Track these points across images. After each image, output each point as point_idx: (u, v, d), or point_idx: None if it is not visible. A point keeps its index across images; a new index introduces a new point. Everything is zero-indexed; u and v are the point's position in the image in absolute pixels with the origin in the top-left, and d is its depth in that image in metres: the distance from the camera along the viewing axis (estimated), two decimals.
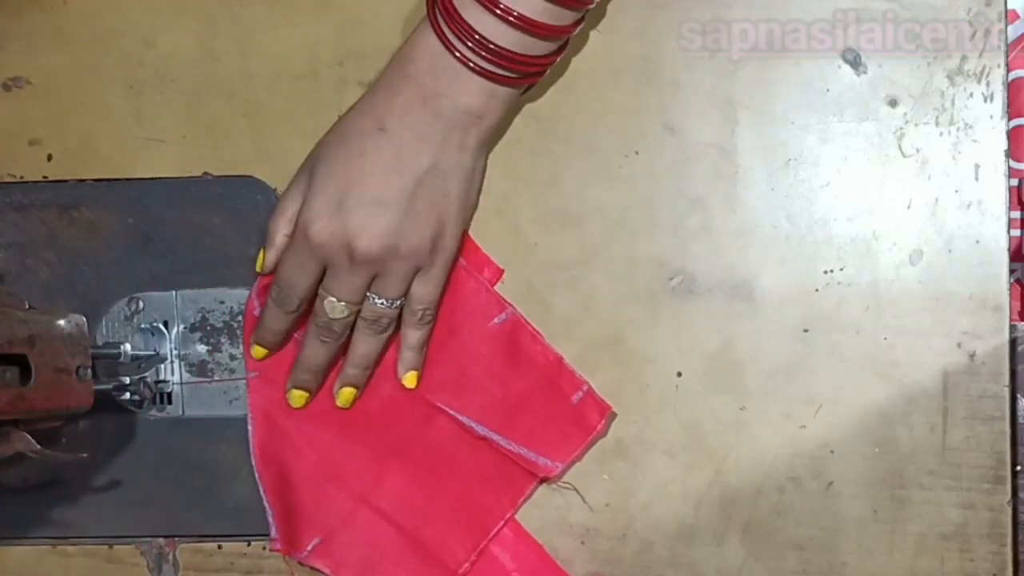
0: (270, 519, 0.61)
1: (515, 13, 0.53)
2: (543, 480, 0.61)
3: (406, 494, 0.62)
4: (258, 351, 0.61)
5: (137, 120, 0.63)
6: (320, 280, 0.58)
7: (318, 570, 0.62)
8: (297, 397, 0.61)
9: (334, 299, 0.57)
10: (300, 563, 0.62)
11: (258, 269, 0.60)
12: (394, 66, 0.56)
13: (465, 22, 0.53)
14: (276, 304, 0.59)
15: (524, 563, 0.61)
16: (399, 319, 0.59)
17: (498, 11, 0.52)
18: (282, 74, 0.62)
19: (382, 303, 0.58)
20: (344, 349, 0.60)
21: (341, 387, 0.61)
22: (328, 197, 0.55)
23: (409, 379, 0.61)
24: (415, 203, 0.56)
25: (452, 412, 0.61)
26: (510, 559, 0.61)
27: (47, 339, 0.54)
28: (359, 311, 0.58)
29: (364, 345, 0.59)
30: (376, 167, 0.55)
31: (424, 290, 0.58)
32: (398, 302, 0.58)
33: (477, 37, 0.53)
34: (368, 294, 0.58)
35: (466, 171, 0.57)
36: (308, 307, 0.59)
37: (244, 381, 0.62)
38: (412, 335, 0.60)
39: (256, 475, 0.62)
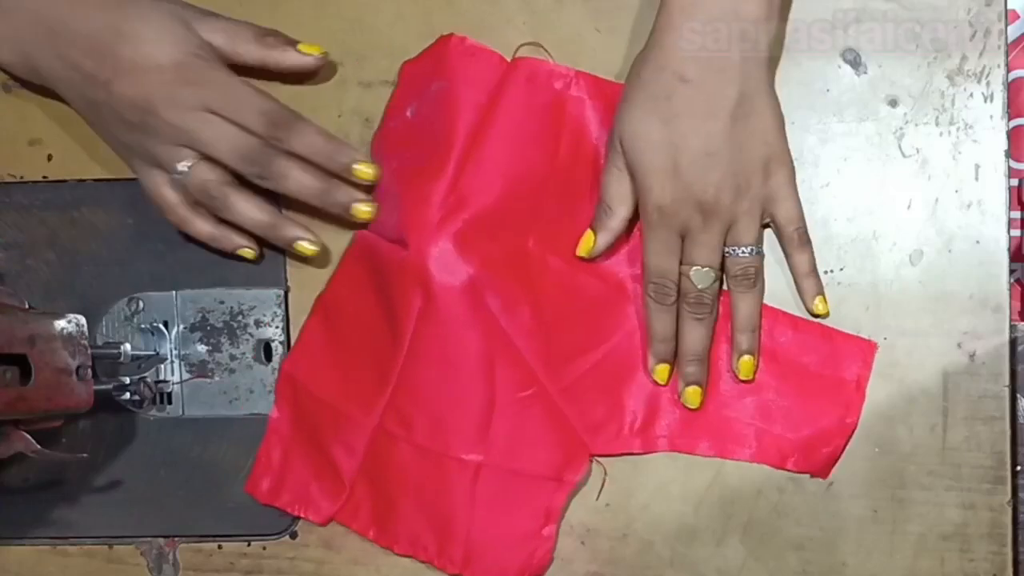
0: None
1: None
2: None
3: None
4: (662, 371, 0.60)
5: None
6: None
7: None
8: (692, 393, 0.59)
9: (699, 267, 0.57)
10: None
11: (584, 254, 0.60)
12: (663, 14, 0.56)
13: None
14: (657, 303, 0.58)
15: None
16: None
17: None
18: None
19: (744, 252, 0.57)
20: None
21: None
22: (661, 170, 0.55)
23: (820, 305, 0.59)
24: (738, 137, 0.56)
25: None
26: None
27: (47, 339, 0.54)
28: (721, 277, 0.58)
29: (745, 305, 0.59)
30: (693, 121, 0.55)
31: (785, 209, 0.58)
32: (756, 249, 0.58)
33: None
34: (727, 250, 0.58)
35: (767, 84, 0.57)
36: None
37: (243, 380, 0.62)
38: (800, 260, 0.59)
39: None
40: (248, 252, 0.61)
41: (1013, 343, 0.60)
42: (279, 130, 0.57)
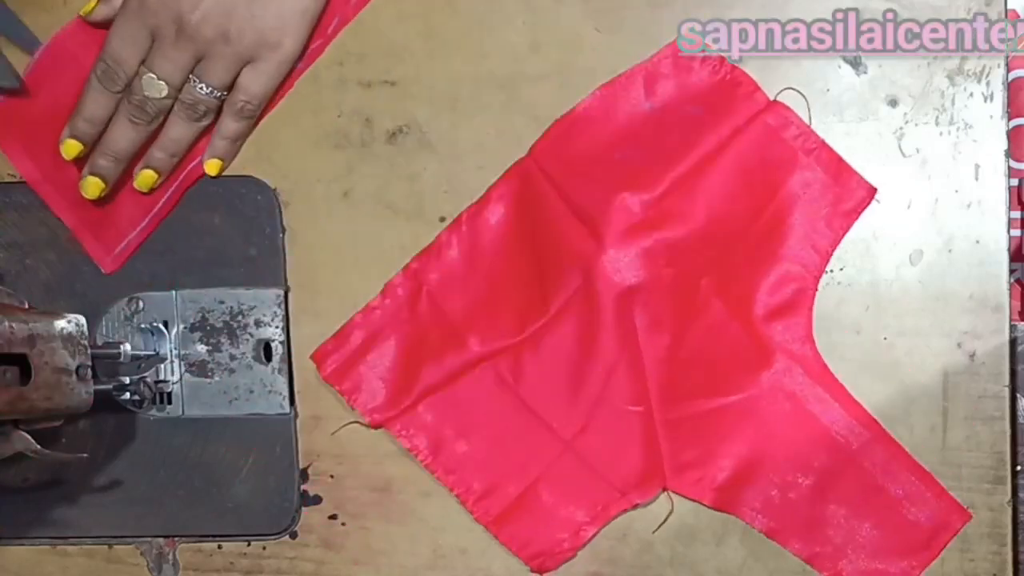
0: None
1: None
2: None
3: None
4: (71, 146, 0.59)
5: None
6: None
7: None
8: (91, 184, 0.59)
9: (154, 76, 0.57)
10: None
11: (83, 14, 0.59)
12: None
13: None
14: (100, 82, 0.58)
15: None
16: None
17: None
18: None
19: (202, 89, 0.58)
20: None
21: (143, 168, 0.60)
22: None
23: (212, 167, 0.61)
24: None
25: None
26: None
27: (47, 339, 0.54)
28: (177, 97, 0.58)
29: (176, 129, 0.59)
30: None
31: (252, 82, 0.59)
32: (220, 93, 0.58)
33: None
34: (191, 77, 0.58)
35: None
36: None
37: (243, 380, 0.62)
38: (229, 125, 0.60)
39: None
40: None
41: (1013, 343, 0.60)
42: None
